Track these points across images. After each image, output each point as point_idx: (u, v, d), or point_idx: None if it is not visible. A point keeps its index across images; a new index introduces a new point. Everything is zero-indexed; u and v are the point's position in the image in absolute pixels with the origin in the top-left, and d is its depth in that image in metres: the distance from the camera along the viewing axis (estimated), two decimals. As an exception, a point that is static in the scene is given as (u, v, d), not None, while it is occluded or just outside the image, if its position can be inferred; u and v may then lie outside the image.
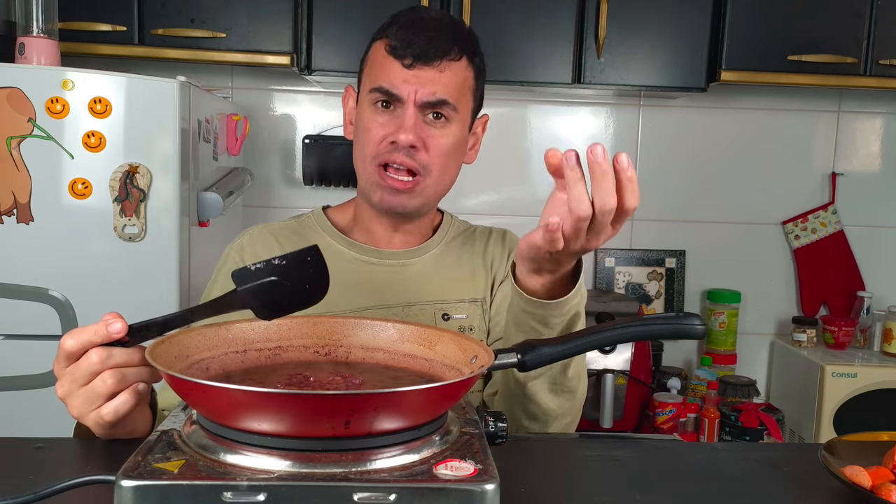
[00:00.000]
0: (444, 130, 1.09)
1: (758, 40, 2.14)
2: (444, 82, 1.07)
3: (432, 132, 1.09)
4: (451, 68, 1.08)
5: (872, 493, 0.73)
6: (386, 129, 1.08)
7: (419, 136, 1.07)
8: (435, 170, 1.09)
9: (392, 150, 1.07)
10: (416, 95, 1.06)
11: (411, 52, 1.06)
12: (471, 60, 1.12)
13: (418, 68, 1.06)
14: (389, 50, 1.07)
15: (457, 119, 1.10)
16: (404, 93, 1.06)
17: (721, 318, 2.50)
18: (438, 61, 1.07)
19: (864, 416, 2.20)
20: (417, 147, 1.07)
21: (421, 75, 1.06)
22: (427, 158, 1.08)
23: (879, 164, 2.58)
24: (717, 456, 0.91)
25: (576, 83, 2.15)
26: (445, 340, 0.79)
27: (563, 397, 1.03)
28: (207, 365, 0.75)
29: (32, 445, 0.81)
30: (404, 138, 1.06)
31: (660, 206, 2.55)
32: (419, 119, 1.08)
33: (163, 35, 2.04)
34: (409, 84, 1.06)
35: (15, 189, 1.68)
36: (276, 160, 2.49)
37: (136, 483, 0.56)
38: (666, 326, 0.83)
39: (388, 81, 1.07)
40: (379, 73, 1.09)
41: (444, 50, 1.07)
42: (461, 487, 0.58)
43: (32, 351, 1.71)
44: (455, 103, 1.09)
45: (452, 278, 1.18)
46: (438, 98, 1.07)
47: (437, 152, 1.09)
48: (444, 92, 1.07)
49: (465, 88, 1.11)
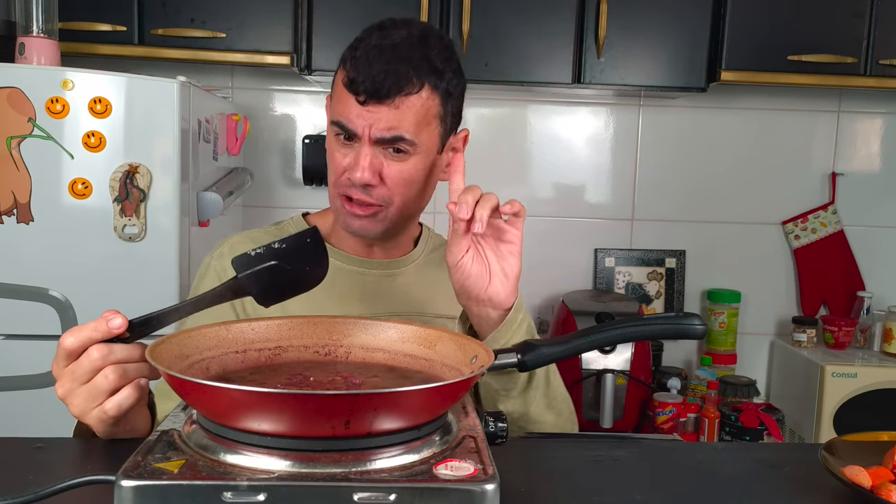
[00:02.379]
0: (403, 164, 1.05)
1: (758, 40, 2.14)
2: (400, 118, 1.02)
3: (391, 164, 1.05)
4: (407, 103, 1.02)
5: (872, 493, 0.73)
6: (346, 162, 1.05)
7: (374, 173, 1.04)
8: (397, 199, 1.06)
9: (350, 184, 1.05)
10: (370, 131, 1.02)
11: (363, 89, 1.00)
12: (435, 88, 1.04)
13: (371, 105, 1.01)
14: (346, 82, 1.03)
15: (418, 151, 1.05)
16: (359, 129, 1.02)
17: (721, 318, 2.50)
18: (392, 98, 1.01)
19: (864, 416, 2.20)
20: (374, 184, 1.04)
21: (375, 111, 1.01)
22: (385, 192, 1.05)
23: (879, 164, 2.58)
24: (717, 456, 0.91)
25: (576, 83, 2.15)
26: (445, 340, 0.79)
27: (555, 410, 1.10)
28: (207, 365, 0.75)
29: (32, 445, 0.81)
30: (359, 177, 1.03)
31: (660, 206, 2.56)
32: (375, 154, 1.04)
33: (163, 35, 2.04)
34: (362, 119, 1.02)
35: (15, 189, 1.68)
36: (276, 160, 2.49)
37: (136, 483, 0.56)
38: (666, 326, 0.83)
39: (344, 116, 1.03)
40: (337, 105, 1.06)
41: (399, 85, 1.01)
42: (461, 487, 0.58)
43: (32, 351, 1.71)
44: (413, 138, 1.03)
45: (433, 293, 1.17)
46: (393, 135, 1.02)
47: (396, 184, 1.05)
48: (400, 128, 1.02)
49: (427, 118, 1.05)
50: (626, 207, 2.56)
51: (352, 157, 1.05)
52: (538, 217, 2.50)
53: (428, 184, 1.11)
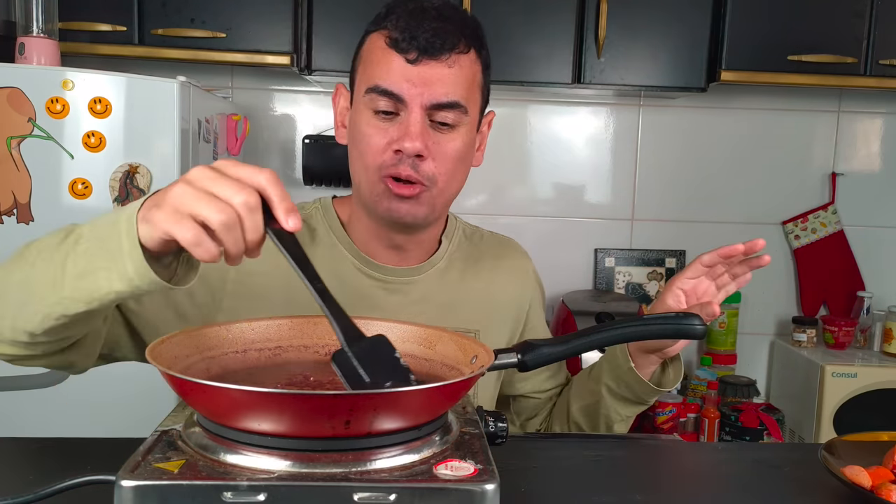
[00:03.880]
0: (452, 135, 0.98)
1: (758, 40, 2.14)
2: (454, 80, 0.96)
3: (439, 138, 0.97)
4: (460, 63, 0.96)
5: (872, 493, 0.73)
6: (389, 136, 0.96)
7: (426, 144, 0.95)
8: (441, 179, 0.99)
9: (397, 160, 0.96)
10: (423, 98, 0.94)
11: (416, 45, 0.93)
12: (479, 53, 1.00)
13: (424, 63, 0.94)
14: (390, 42, 0.95)
15: (466, 122, 0.99)
16: (409, 95, 0.94)
17: (721, 318, 2.50)
18: (447, 55, 0.94)
19: (864, 416, 2.20)
20: (424, 156, 0.96)
21: (427, 73, 0.94)
22: (433, 169, 0.97)
23: (879, 164, 2.58)
24: (717, 456, 0.91)
25: (576, 83, 2.15)
26: (445, 340, 0.79)
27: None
28: (207, 365, 0.75)
29: (32, 445, 0.81)
30: (410, 146, 0.94)
31: (660, 206, 2.56)
32: (425, 124, 0.96)
33: (163, 35, 2.04)
34: (414, 86, 0.94)
35: (15, 189, 1.68)
36: (276, 160, 2.49)
37: (136, 483, 0.56)
38: (666, 326, 0.83)
39: (390, 81, 0.94)
40: (377, 69, 0.96)
41: (452, 42, 0.95)
42: (461, 487, 0.58)
43: (32, 351, 1.72)
44: (466, 104, 0.98)
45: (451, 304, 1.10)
46: (450, 100, 0.95)
47: (444, 160, 0.98)
48: (455, 92, 0.96)
49: (474, 85, 1.00)
50: (626, 207, 2.56)
51: (396, 129, 0.96)
52: (538, 217, 2.50)
53: (467, 165, 1.05)
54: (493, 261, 1.16)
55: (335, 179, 2.41)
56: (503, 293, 1.15)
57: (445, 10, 0.98)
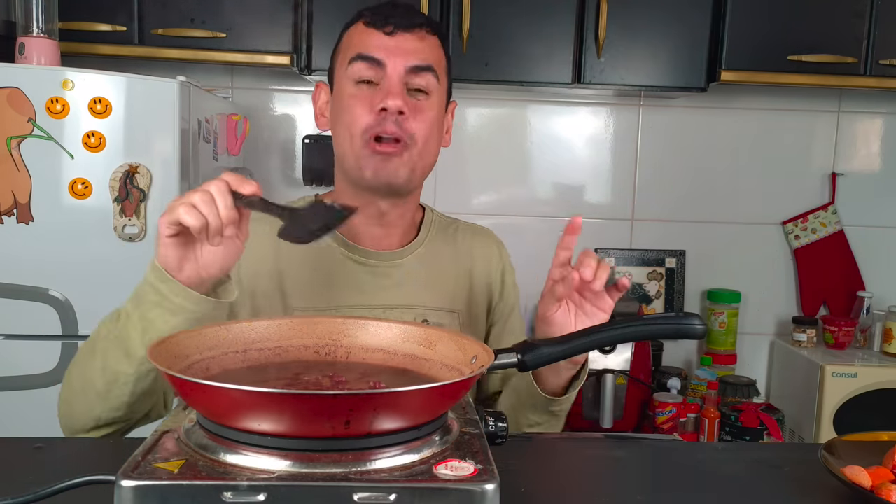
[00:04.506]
0: (427, 102, 1.09)
1: (758, 40, 2.14)
2: (426, 49, 1.08)
3: (416, 103, 1.08)
4: (429, 41, 1.09)
5: (872, 493, 0.73)
6: (371, 101, 1.06)
7: (407, 103, 1.06)
8: (420, 140, 1.08)
9: (381, 120, 1.05)
10: (401, 62, 1.06)
11: (392, 21, 1.06)
12: (442, 43, 1.13)
13: (400, 35, 1.06)
14: (367, 23, 1.08)
15: (437, 92, 1.10)
16: (388, 60, 1.06)
17: (721, 318, 2.50)
18: (419, 29, 1.08)
19: (864, 416, 2.20)
20: (406, 113, 1.06)
21: (403, 43, 1.06)
22: (414, 126, 1.07)
23: (879, 164, 2.58)
24: (717, 456, 0.91)
25: (576, 83, 2.15)
26: (445, 340, 0.78)
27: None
28: (207, 365, 0.75)
29: (32, 445, 0.81)
30: (393, 103, 1.04)
31: (660, 206, 2.55)
32: (404, 89, 1.07)
33: (163, 35, 2.04)
34: (391, 53, 1.06)
35: (15, 189, 1.68)
36: (276, 160, 2.49)
37: (136, 483, 0.56)
38: (666, 326, 0.83)
39: (371, 49, 1.06)
40: (359, 45, 1.08)
41: (420, 21, 1.09)
42: (461, 487, 0.58)
43: (32, 351, 1.71)
44: (437, 72, 1.09)
45: (433, 285, 1.18)
46: (425, 63, 1.07)
47: (422, 121, 1.08)
48: (428, 58, 1.08)
49: (441, 64, 1.11)
50: (626, 207, 2.56)
51: (379, 93, 1.06)
52: (538, 217, 2.49)
53: (439, 139, 1.14)
54: (468, 247, 1.24)
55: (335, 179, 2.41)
56: (478, 275, 1.23)
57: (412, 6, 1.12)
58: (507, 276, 1.27)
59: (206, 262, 0.87)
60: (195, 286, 0.86)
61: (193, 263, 0.87)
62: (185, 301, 0.86)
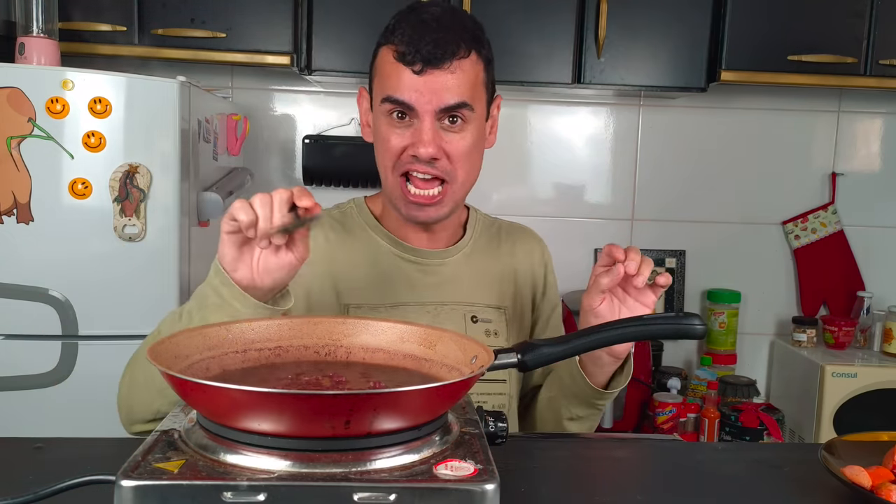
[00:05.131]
0: (462, 134, 1.08)
1: (758, 40, 2.14)
2: (458, 84, 1.05)
3: (451, 138, 1.07)
4: (462, 67, 1.05)
5: (872, 493, 0.73)
6: (404, 141, 1.07)
7: (439, 147, 1.06)
8: (460, 174, 1.09)
9: (413, 161, 1.07)
10: (431, 105, 1.04)
11: (420, 57, 1.03)
12: (479, 53, 1.09)
13: (429, 73, 1.03)
14: (397, 56, 1.05)
15: (474, 118, 1.08)
16: (418, 104, 1.04)
17: (721, 318, 2.50)
18: (449, 62, 1.04)
19: (864, 416, 2.20)
20: (438, 157, 1.06)
21: (433, 81, 1.03)
22: (449, 166, 1.08)
23: (879, 164, 2.58)
24: (717, 456, 0.91)
25: (576, 83, 2.15)
26: (445, 340, 0.78)
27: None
28: (207, 365, 0.75)
29: (32, 445, 0.81)
30: (424, 151, 1.05)
31: (660, 206, 2.55)
32: (436, 128, 1.06)
33: (163, 35, 2.04)
34: (422, 95, 1.04)
35: (15, 189, 1.68)
36: (276, 160, 2.49)
37: (136, 483, 0.56)
38: (666, 326, 0.83)
39: (400, 91, 1.04)
40: (388, 81, 1.06)
41: (452, 50, 1.04)
42: (461, 487, 0.58)
43: (32, 351, 1.71)
44: (471, 102, 1.07)
45: (480, 283, 1.20)
46: (458, 101, 1.05)
47: (458, 158, 1.08)
48: (460, 94, 1.05)
49: (478, 84, 1.09)
50: (626, 207, 2.56)
51: (411, 135, 1.06)
52: (538, 217, 2.49)
53: (481, 151, 1.15)
54: (511, 245, 1.26)
55: (335, 179, 2.41)
56: (522, 272, 1.26)
57: (445, 18, 1.07)
58: (549, 276, 1.29)
59: (260, 270, 0.88)
60: (250, 289, 0.88)
61: (248, 267, 0.88)
62: (242, 306, 0.87)
